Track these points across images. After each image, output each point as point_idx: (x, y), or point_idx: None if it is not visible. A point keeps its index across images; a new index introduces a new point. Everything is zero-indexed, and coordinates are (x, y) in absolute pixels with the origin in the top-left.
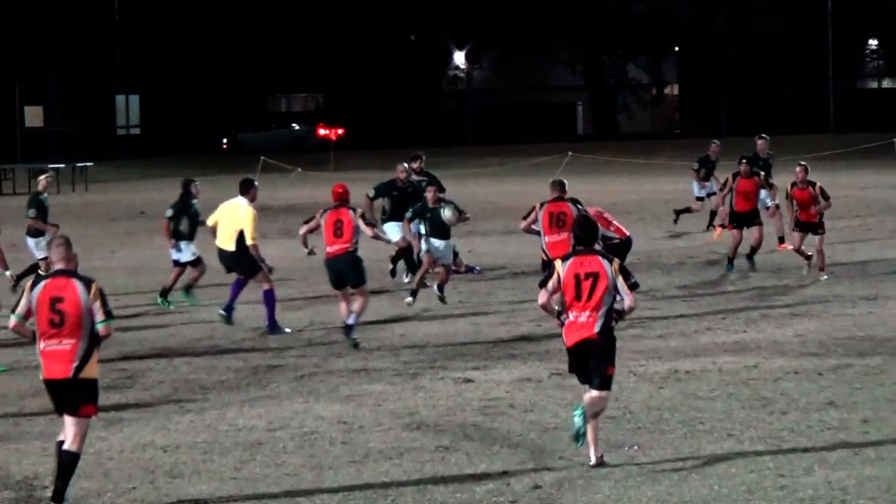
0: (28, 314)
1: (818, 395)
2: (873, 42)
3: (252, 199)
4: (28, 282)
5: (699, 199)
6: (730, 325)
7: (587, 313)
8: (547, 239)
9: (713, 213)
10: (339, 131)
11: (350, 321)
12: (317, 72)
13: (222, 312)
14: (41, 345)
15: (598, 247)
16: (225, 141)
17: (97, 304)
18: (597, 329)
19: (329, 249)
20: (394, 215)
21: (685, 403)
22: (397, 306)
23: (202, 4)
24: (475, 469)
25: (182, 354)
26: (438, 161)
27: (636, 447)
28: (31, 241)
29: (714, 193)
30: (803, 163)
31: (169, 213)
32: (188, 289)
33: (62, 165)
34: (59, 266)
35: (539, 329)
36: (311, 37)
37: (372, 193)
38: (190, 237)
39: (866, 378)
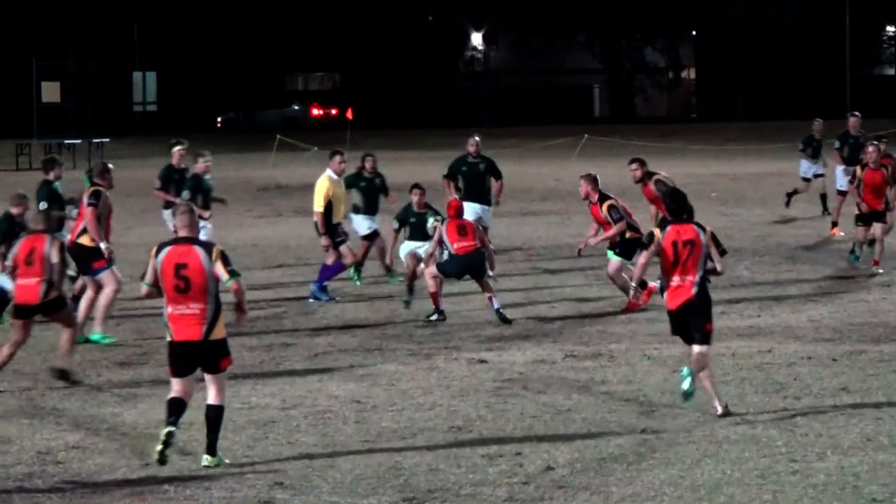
0: (156, 280)
1: (832, 381)
2: (891, 29)
3: (334, 169)
4: (153, 248)
5: (805, 179)
6: (744, 309)
7: (686, 277)
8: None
9: (824, 197)
10: (333, 111)
11: (496, 305)
12: (334, 51)
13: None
14: (169, 309)
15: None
16: (219, 119)
17: (219, 265)
18: (695, 291)
19: (456, 246)
20: (468, 194)
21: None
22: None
23: None
24: (488, 450)
25: None
26: (455, 141)
27: (649, 430)
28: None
29: (822, 175)
30: (876, 142)
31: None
32: (357, 266)
33: (78, 141)
34: (183, 233)
35: (553, 311)
36: (329, 16)
37: (446, 172)
38: (367, 211)
39: (880, 364)
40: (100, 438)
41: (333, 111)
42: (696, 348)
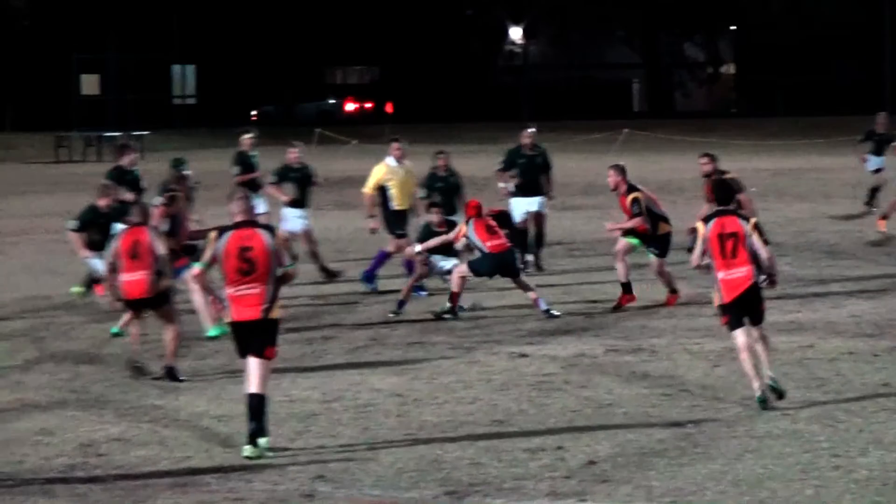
0: (212, 263)
1: (873, 377)
2: None
3: (392, 155)
4: (213, 233)
5: (874, 171)
6: (784, 304)
7: (741, 269)
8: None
9: (874, 190)
10: (368, 105)
11: (542, 306)
12: (374, 45)
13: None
14: (229, 290)
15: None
16: (254, 113)
17: (282, 248)
18: (752, 281)
19: (490, 245)
20: (523, 187)
21: (740, 382)
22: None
23: None
24: (530, 444)
25: None
26: (494, 136)
27: (690, 425)
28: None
29: (881, 170)
30: None
31: (422, 193)
32: None
33: (118, 134)
34: (240, 217)
35: (594, 305)
36: (368, 10)
37: (500, 165)
38: (447, 212)
39: None
40: (142, 430)
41: (368, 105)
42: (756, 330)
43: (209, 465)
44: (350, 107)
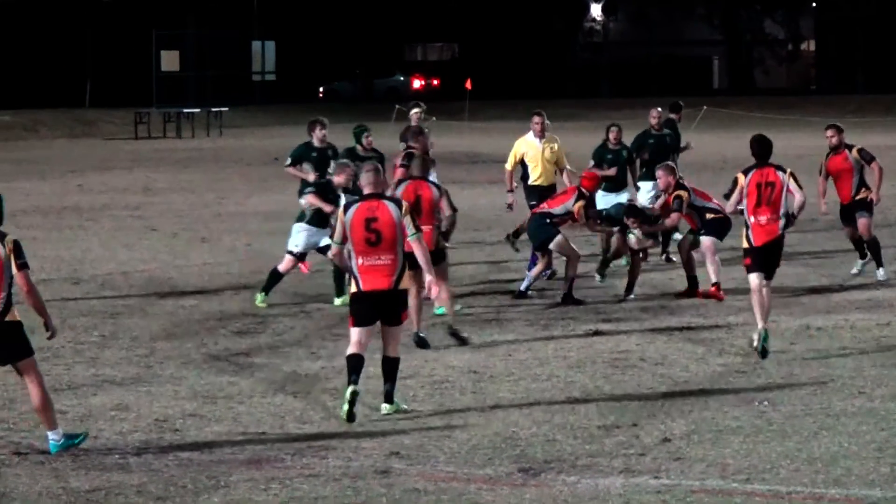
0: (344, 239)
1: None
2: None
3: (532, 130)
4: (340, 210)
5: None
6: (862, 282)
7: (772, 216)
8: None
9: None
10: (435, 82)
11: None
12: (454, 22)
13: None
14: (359, 261)
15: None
16: (322, 90)
17: (407, 219)
18: (780, 229)
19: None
20: (649, 172)
21: (816, 360)
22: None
23: None
24: (605, 421)
25: (314, 300)
26: (573, 112)
27: (766, 402)
28: None
29: None
30: None
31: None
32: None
33: (197, 110)
34: (367, 190)
35: (670, 283)
36: None
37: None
38: (613, 188)
39: None
40: (217, 407)
41: (435, 82)
42: (766, 285)
43: (284, 441)
44: (417, 84)
